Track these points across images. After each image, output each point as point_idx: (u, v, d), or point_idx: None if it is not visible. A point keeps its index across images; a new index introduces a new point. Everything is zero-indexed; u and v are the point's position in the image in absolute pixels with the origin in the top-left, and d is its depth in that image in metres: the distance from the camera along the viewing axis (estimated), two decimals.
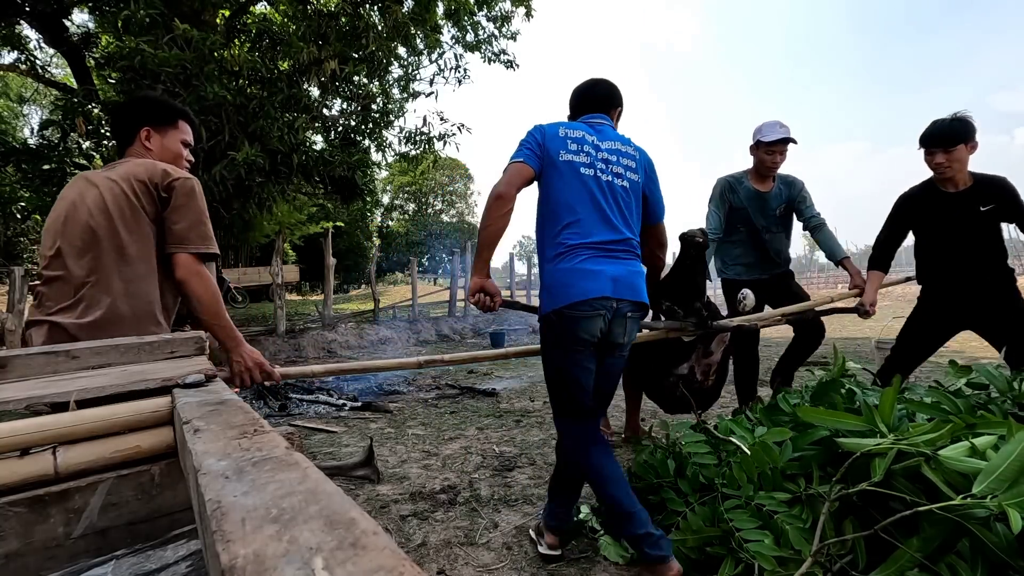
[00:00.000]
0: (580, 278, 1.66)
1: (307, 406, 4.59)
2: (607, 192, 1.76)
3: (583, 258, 1.69)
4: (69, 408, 0.54)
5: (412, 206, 45.76)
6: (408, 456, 3.20)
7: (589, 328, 1.69)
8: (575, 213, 1.72)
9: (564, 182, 1.74)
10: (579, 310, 1.66)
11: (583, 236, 1.71)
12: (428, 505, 2.45)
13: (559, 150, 1.76)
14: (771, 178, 3.18)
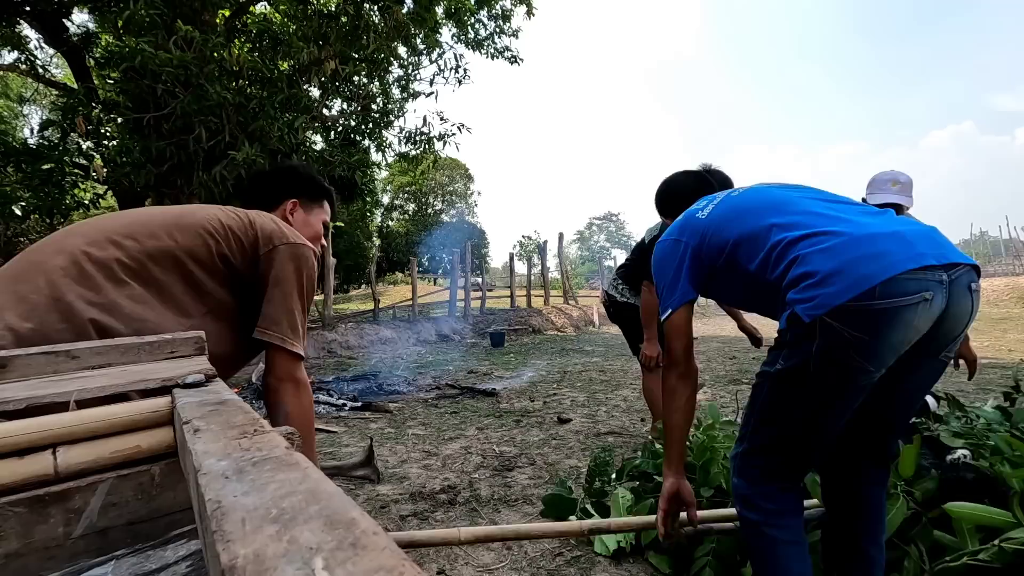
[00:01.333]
0: (876, 242, 1.06)
1: None
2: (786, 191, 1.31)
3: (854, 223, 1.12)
4: (69, 408, 0.54)
5: (412, 206, 45.78)
6: (408, 456, 3.21)
7: (908, 323, 1.03)
8: (781, 214, 1.20)
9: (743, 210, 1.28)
10: (888, 296, 1.00)
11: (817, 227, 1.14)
12: (428, 505, 2.45)
13: (696, 212, 1.38)
14: None
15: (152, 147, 6.59)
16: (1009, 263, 21.01)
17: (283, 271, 1.16)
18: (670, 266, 1.36)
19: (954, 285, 1.05)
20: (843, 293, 1.02)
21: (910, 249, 1.04)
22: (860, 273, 1.02)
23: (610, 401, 4.55)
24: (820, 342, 1.06)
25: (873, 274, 1.01)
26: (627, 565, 1.81)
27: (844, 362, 1.06)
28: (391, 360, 7.79)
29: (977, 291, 1.11)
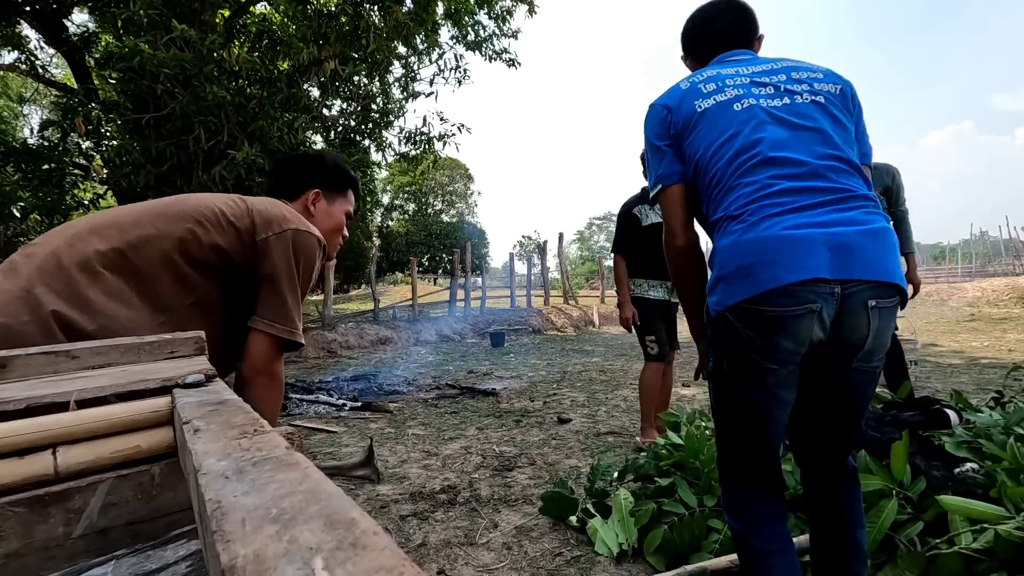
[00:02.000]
0: (773, 250, 1.02)
1: (307, 406, 4.59)
2: (789, 115, 1.14)
3: (775, 213, 1.04)
4: (69, 408, 0.54)
5: (412, 206, 45.79)
6: (408, 456, 3.21)
7: (795, 331, 1.04)
8: (745, 153, 1.11)
9: (716, 130, 1.16)
10: (775, 304, 1.02)
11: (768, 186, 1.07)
12: (428, 505, 2.45)
13: (693, 103, 1.20)
14: None
15: (152, 147, 6.59)
16: (1009, 263, 21.01)
17: (279, 258, 1.14)
18: (655, 134, 1.25)
19: (848, 300, 1.03)
20: (738, 293, 1.06)
21: (809, 259, 1.01)
22: (757, 277, 1.03)
23: (610, 401, 4.55)
24: (724, 338, 1.12)
25: (765, 280, 1.02)
26: (627, 565, 1.81)
27: (747, 358, 1.10)
28: (391, 360, 7.79)
29: (880, 309, 1.05)
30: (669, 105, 1.23)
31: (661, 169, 1.24)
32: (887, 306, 1.06)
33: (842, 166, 1.09)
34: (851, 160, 1.11)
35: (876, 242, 1.04)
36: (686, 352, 7.68)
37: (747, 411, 1.16)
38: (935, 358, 6.09)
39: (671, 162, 1.23)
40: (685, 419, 2.31)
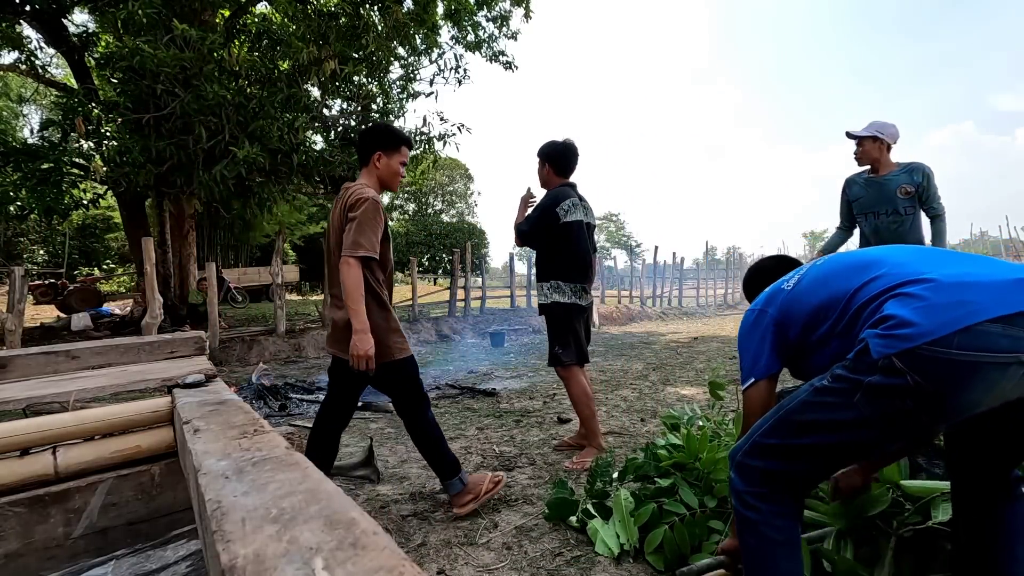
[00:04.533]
0: (960, 291, 0.96)
1: (307, 406, 4.59)
2: None
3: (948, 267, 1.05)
4: (69, 408, 0.54)
5: (412, 206, 45.83)
6: (408, 456, 3.20)
7: (997, 383, 0.93)
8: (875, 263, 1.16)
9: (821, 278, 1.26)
10: (975, 348, 0.91)
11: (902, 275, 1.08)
12: (428, 505, 2.45)
13: (782, 283, 1.36)
14: (880, 165, 3.43)
15: (152, 147, 6.60)
16: None
17: (351, 212, 2.03)
18: (753, 337, 1.33)
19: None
20: (918, 337, 0.93)
21: (1002, 295, 0.92)
22: (940, 319, 0.92)
23: (610, 401, 4.55)
24: (878, 378, 0.98)
25: (954, 320, 0.91)
26: (627, 565, 1.81)
27: (895, 407, 0.98)
28: None
29: None
30: (767, 311, 1.37)
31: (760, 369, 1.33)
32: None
33: None
34: None
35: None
36: (686, 353, 7.68)
37: (835, 444, 1.08)
38: None
39: (772, 357, 1.34)
40: (686, 420, 2.30)
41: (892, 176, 3.40)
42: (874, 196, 3.45)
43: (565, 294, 2.93)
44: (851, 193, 3.60)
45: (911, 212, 3.38)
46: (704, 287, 21.46)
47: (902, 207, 3.37)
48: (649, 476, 2.04)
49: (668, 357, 7.28)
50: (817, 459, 1.12)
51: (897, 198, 3.37)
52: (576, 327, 2.95)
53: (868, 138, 3.37)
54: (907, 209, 3.38)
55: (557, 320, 2.93)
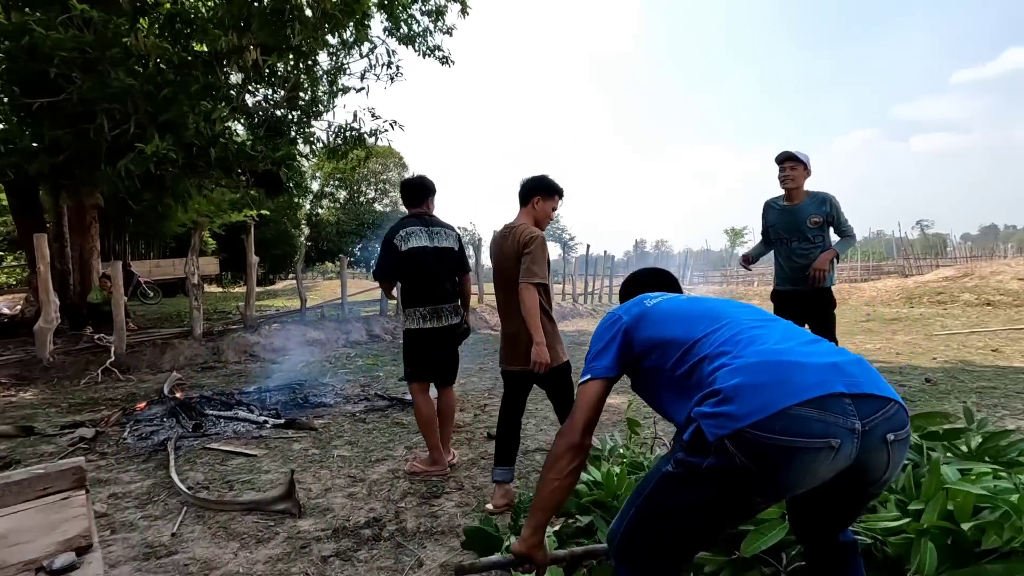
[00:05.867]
0: (780, 370, 1.03)
1: (225, 424, 4.35)
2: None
3: (770, 344, 1.13)
4: None
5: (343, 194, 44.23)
6: (332, 483, 3.12)
7: (810, 467, 0.98)
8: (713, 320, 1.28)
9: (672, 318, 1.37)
10: (792, 433, 0.96)
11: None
12: (351, 543, 2.40)
13: (647, 298, 1.50)
14: (797, 193, 3.72)
15: (45, 135, 5.97)
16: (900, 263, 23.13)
17: (526, 248, 2.64)
18: (604, 338, 1.43)
19: (868, 437, 0.98)
20: (743, 418, 0.98)
21: (817, 376, 0.99)
22: (762, 399, 0.98)
23: (539, 412, 4.62)
24: (713, 460, 1.02)
25: (773, 401, 0.97)
26: None
27: (729, 486, 1.03)
28: (319, 364, 7.54)
29: (899, 441, 1.02)
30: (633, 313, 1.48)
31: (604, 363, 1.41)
32: (900, 438, 1.03)
33: None
34: None
35: (866, 365, 1.11)
36: None
37: (690, 525, 1.13)
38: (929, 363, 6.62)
39: (613, 361, 1.43)
40: (606, 452, 2.38)
41: (804, 205, 3.67)
42: (788, 223, 3.71)
43: (414, 320, 3.14)
44: (768, 218, 3.85)
45: (819, 240, 3.68)
46: None
47: (812, 235, 3.65)
48: (570, 512, 2.10)
49: None
50: (684, 542, 1.17)
51: (807, 228, 3.64)
52: (422, 351, 3.15)
53: (802, 163, 3.62)
54: (816, 237, 3.66)
55: (405, 345, 3.21)
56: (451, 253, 3.17)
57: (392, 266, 3.12)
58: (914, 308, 13.10)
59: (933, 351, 7.15)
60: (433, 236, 3.15)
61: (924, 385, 5.05)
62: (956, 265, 18.37)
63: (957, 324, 10.02)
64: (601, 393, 1.36)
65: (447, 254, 3.16)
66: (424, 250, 3.10)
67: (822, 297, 3.68)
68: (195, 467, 3.43)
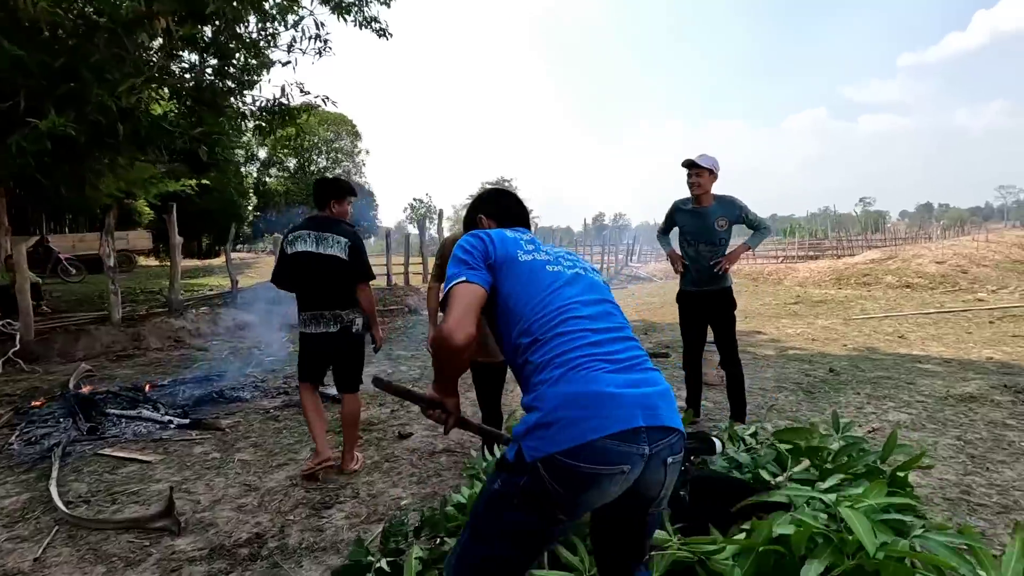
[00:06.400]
0: (597, 403, 1.13)
1: (125, 424, 4.17)
2: (589, 287, 1.39)
3: (590, 370, 1.18)
4: None
5: (293, 161, 42.53)
6: (225, 493, 3.04)
7: (607, 489, 1.14)
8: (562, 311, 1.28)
9: (533, 281, 1.34)
10: (596, 462, 1.10)
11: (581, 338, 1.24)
12: (226, 564, 2.35)
13: (516, 249, 1.39)
14: (705, 197, 3.78)
15: None
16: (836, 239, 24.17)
17: None
18: (473, 254, 1.37)
19: (652, 460, 1.15)
20: (557, 444, 1.10)
21: (625, 410, 1.13)
22: (571, 432, 1.10)
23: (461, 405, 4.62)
24: (528, 480, 1.14)
25: (582, 433, 1.09)
26: None
27: (541, 506, 1.15)
28: (246, 351, 7.31)
29: (674, 464, 1.21)
30: (494, 239, 1.41)
31: (471, 273, 1.32)
32: (675, 462, 1.21)
33: (627, 335, 1.33)
34: (629, 332, 1.36)
35: (669, 397, 1.24)
36: None
37: (512, 543, 1.21)
38: (755, 348, 6.90)
39: (485, 273, 1.34)
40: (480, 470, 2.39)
41: (712, 209, 3.74)
42: (698, 226, 3.78)
43: (299, 323, 3.23)
44: (677, 219, 3.91)
45: (724, 242, 3.77)
46: (588, 254, 22.33)
47: (718, 238, 3.74)
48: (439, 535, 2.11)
49: None
50: (512, 559, 1.24)
51: (715, 230, 3.72)
52: (305, 353, 3.23)
53: (707, 170, 3.66)
54: (722, 239, 3.76)
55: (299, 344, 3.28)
56: (336, 261, 3.09)
57: (280, 269, 3.18)
58: (842, 289, 13.77)
59: (846, 337, 7.55)
60: (320, 242, 3.09)
61: (827, 375, 5.34)
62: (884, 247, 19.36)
63: (876, 307, 10.60)
64: (477, 292, 1.29)
65: (332, 262, 3.08)
66: (307, 255, 3.07)
67: (724, 298, 3.80)
68: (81, 477, 3.28)
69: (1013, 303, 10.14)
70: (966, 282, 12.94)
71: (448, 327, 1.22)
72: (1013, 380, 4.90)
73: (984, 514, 2.60)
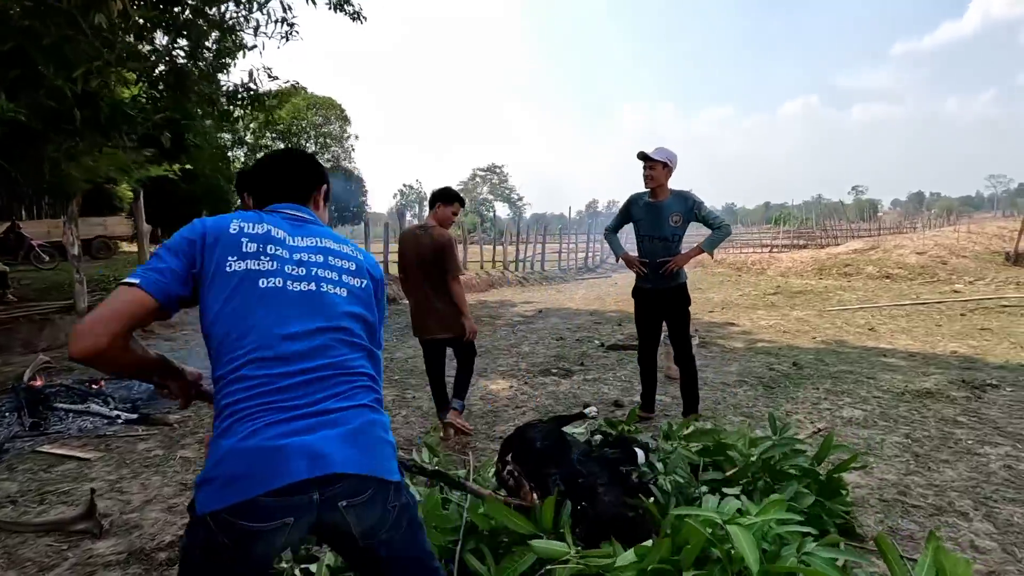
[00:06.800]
0: (256, 459, 1.07)
1: (72, 419, 4.09)
2: (306, 309, 1.20)
3: (268, 422, 1.09)
4: None
5: (281, 146, 41.96)
6: (159, 492, 2.99)
7: (273, 542, 1.09)
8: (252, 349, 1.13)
9: (236, 302, 1.16)
10: (253, 519, 1.05)
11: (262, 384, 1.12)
12: (142, 569, 2.30)
13: (227, 257, 1.18)
14: (660, 191, 3.72)
15: None
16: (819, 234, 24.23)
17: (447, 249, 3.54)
18: (175, 252, 1.18)
19: (324, 504, 1.09)
20: (220, 501, 1.05)
21: (289, 464, 1.05)
22: (235, 489, 1.04)
23: (415, 401, 4.58)
24: (203, 533, 1.08)
25: (244, 490, 1.04)
26: None
27: (221, 559, 1.08)
28: None
29: (353, 506, 1.12)
30: (207, 241, 1.19)
31: (152, 277, 1.13)
32: (354, 503, 1.12)
33: (340, 371, 1.18)
34: (352, 365, 1.20)
35: (357, 438, 1.14)
36: (522, 331, 7.92)
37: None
38: (724, 340, 6.89)
39: (163, 279, 1.13)
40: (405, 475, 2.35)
41: (667, 203, 3.68)
42: (652, 220, 3.71)
43: None
44: (633, 212, 3.84)
45: (677, 239, 3.71)
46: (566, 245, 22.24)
47: (671, 234, 3.68)
48: None
49: (502, 337, 7.51)
50: None
51: (668, 225, 3.66)
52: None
53: (660, 163, 3.59)
54: (674, 236, 3.69)
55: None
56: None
57: None
58: (822, 280, 13.81)
59: (817, 329, 7.56)
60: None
61: (791, 369, 5.33)
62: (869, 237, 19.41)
63: (853, 298, 10.64)
64: (141, 301, 1.11)
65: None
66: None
67: (678, 295, 3.75)
68: (15, 475, 3.21)
69: (987, 295, 10.20)
70: (944, 273, 13.00)
71: (76, 329, 1.07)
72: (972, 375, 4.91)
73: (917, 516, 2.59)
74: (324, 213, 1.46)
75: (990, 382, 4.66)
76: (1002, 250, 15.61)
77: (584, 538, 1.79)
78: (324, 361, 1.16)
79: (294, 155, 1.47)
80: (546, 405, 4.37)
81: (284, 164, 1.43)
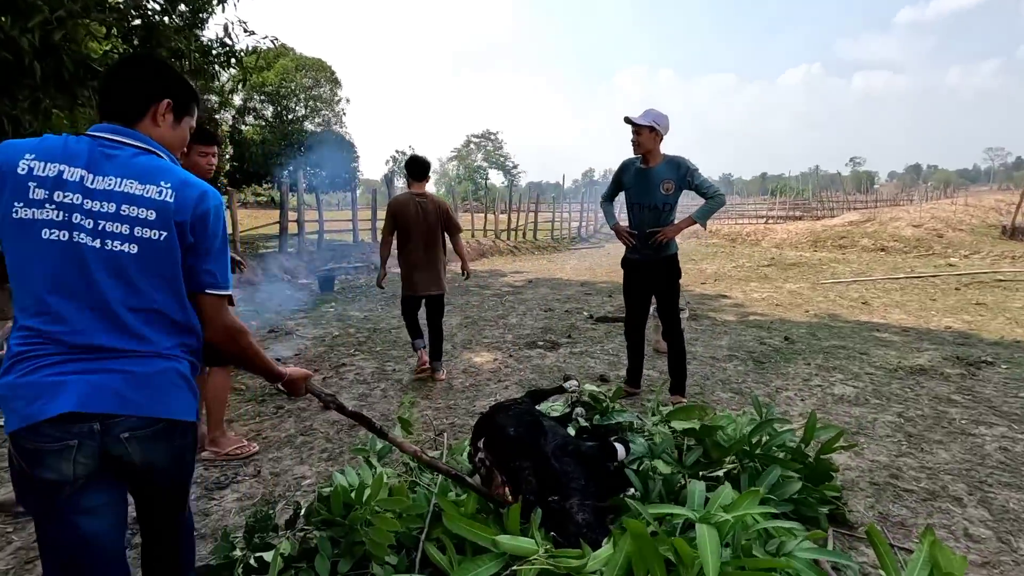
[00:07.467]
0: (32, 393, 1.11)
1: None
2: (90, 265, 1.13)
3: (42, 365, 1.13)
4: None
5: (270, 109, 40.81)
6: None
7: (58, 464, 1.13)
8: (39, 301, 1.13)
9: (18, 253, 1.13)
10: (37, 439, 1.11)
11: (48, 335, 1.13)
12: None
13: (14, 203, 1.11)
14: (651, 156, 3.48)
15: None
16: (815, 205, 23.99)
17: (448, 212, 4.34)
18: None
19: (106, 435, 1.15)
20: (13, 423, 1.12)
21: (58, 399, 1.11)
22: (24, 411, 1.11)
23: (395, 374, 4.44)
24: (12, 454, 1.17)
25: (29, 416, 1.11)
26: None
27: (28, 480, 1.16)
28: None
29: (136, 437, 1.17)
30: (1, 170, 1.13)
31: None
32: (136, 435, 1.17)
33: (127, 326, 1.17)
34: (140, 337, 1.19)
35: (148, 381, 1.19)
36: (511, 301, 7.76)
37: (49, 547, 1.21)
38: (716, 313, 6.76)
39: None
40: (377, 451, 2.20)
41: (658, 169, 3.46)
42: (642, 187, 3.50)
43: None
44: (624, 179, 3.63)
45: (668, 209, 3.50)
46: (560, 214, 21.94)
47: (661, 202, 3.47)
48: (307, 530, 1.93)
49: (490, 308, 7.35)
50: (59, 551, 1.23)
51: (659, 193, 3.45)
52: None
53: (646, 128, 3.36)
54: (665, 205, 3.48)
55: None
56: None
57: None
58: (817, 252, 13.68)
59: (810, 302, 7.44)
60: None
61: (782, 343, 5.21)
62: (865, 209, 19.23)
63: (848, 271, 10.51)
64: None
65: None
66: None
67: (668, 267, 3.57)
68: None
69: (983, 269, 10.09)
70: (940, 246, 12.89)
71: None
72: (967, 351, 4.81)
73: (909, 501, 2.48)
74: (171, 131, 1.27)
75: (985, 359, 4.56)
76: (999, 223, 15.49)
77: (554, 538, 1.65)
78: (106, 323, 1.16)
79: (132, 59, 1.28)
80: (530, 379, 4.24)
81: (115, 73, 1.24)
